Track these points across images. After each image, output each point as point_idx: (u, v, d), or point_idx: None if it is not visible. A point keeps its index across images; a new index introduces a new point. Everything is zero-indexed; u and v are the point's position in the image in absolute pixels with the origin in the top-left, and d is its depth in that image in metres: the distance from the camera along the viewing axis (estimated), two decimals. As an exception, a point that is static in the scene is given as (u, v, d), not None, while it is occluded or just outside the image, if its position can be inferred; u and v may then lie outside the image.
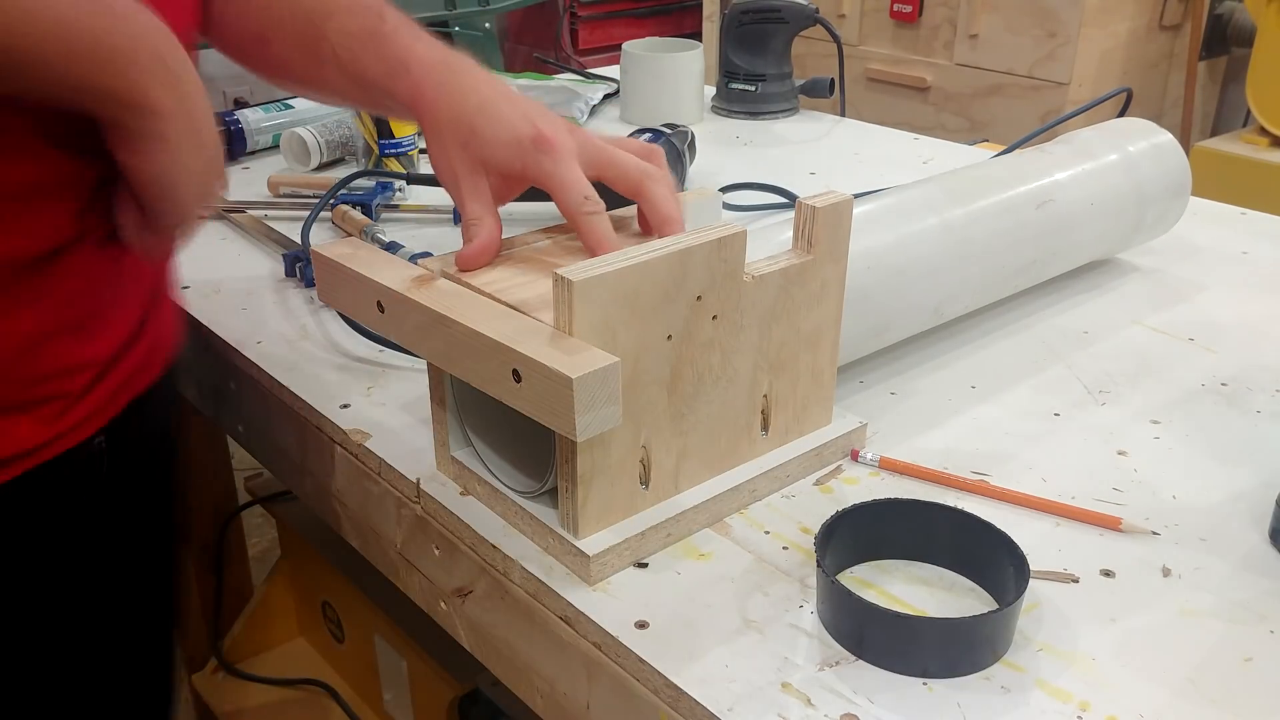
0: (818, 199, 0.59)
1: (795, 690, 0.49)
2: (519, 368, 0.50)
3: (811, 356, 0.63)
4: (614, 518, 0.56)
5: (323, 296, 0.64)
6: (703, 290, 0.55)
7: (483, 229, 0.60)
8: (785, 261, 0.59)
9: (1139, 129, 0.90)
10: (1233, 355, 0.78)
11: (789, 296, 0.60)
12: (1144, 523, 0.59)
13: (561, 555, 0.56)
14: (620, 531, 0.56)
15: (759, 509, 0.61)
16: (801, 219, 0.60)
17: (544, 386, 0.49)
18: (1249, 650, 0.51)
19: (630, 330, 0.53)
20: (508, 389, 0.51)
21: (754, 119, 1.37)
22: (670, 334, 0.54)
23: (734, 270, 0.56)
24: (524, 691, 0.60)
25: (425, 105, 0.64)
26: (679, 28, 3.36)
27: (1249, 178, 2.13)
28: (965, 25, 2.41)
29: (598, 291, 0.50)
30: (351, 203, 1.05)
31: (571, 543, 0.55)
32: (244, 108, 1.27)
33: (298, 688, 1.24)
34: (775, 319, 0.60)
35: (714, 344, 0.57)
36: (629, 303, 0.52)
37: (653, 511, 0.58)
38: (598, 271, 0.50)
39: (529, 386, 0.50)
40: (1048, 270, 0.84)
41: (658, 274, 0.53)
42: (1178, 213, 0.91)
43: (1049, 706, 0.48)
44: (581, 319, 0.50)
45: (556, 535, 0.56)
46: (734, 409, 0.60)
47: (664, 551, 0.58)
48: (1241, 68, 2.37)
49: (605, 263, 0.51)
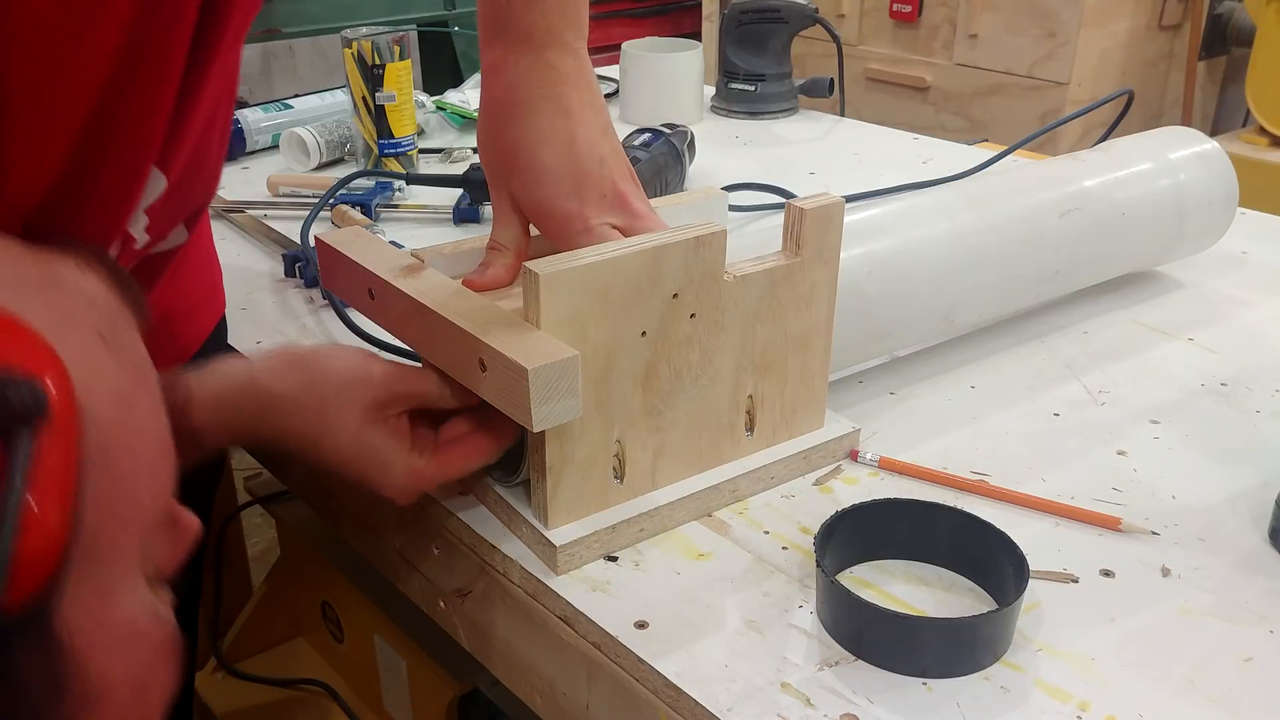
0: (807, 201, 0.59)
1: (795, 690, 0.49)
2: (484, 357, 0.50)
3: (801, 359, 0.62)
4: (586, 510, 0.57)
5: (325, 283, 0.65)
6: (680, 288, 0.55)
7: (498, 263, 0.59)
8: (771, 262, 0.59)
9: (1182, 137, 0.86)
10: (1233, 355, 0.78)
11: (774, 298, 0.59)
12: (1144, 523, 0.59)
13: (533, 545, 0.57)
14: (591, 524, 0.56)
15: (759, 509, 0.61)
16: (790, 220, 0.59)
17: (505, 376, 0.49)
18: (1249, 650, 0.51)
19: (601, 325, 0.53)
20: (475, 378, 0.52)
21: (753, 119, 1.37)
22: (645, 330, 0.55)
23: (714, 269, 0.56)
24: (523, 691, 0.60)
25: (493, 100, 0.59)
26: (678, 28, 3.35)
27: (1249, 178, 2.11)
28: (965, 25, 2.41)
29: (565, 285, 0.51)
30: (351, 202, 1.05)
31: (541, 532, 0.56)
32: (244, 108, 1.27)
33: (297, 688, 1.24)
34: (759, 320, 0.59)
35: (692, 342, 0.57)
36: (600, 298, 0.52)
37: (626, 506, 0.58)
38: (566, 265, 0.51)
39: (492, 376, 0.50)
40: (1076, 281, 0.81)
41: (630, 270, 0.53)
42: (1225, 224, 0.87)
43: (1049, 706, 0.48)
44: (548, 312, 0.51)
45: (529, 525, 0.57)
46: (715, 408, 0.60)
47: (664, 552, 0.58)
48: (1241, 68, 2.37)
49: (576, 257, 0.52)
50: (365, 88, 1.11)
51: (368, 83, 1.11)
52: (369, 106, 1.12)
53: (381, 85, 1.11)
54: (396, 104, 1.12)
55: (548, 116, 0.57)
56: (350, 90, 1.12)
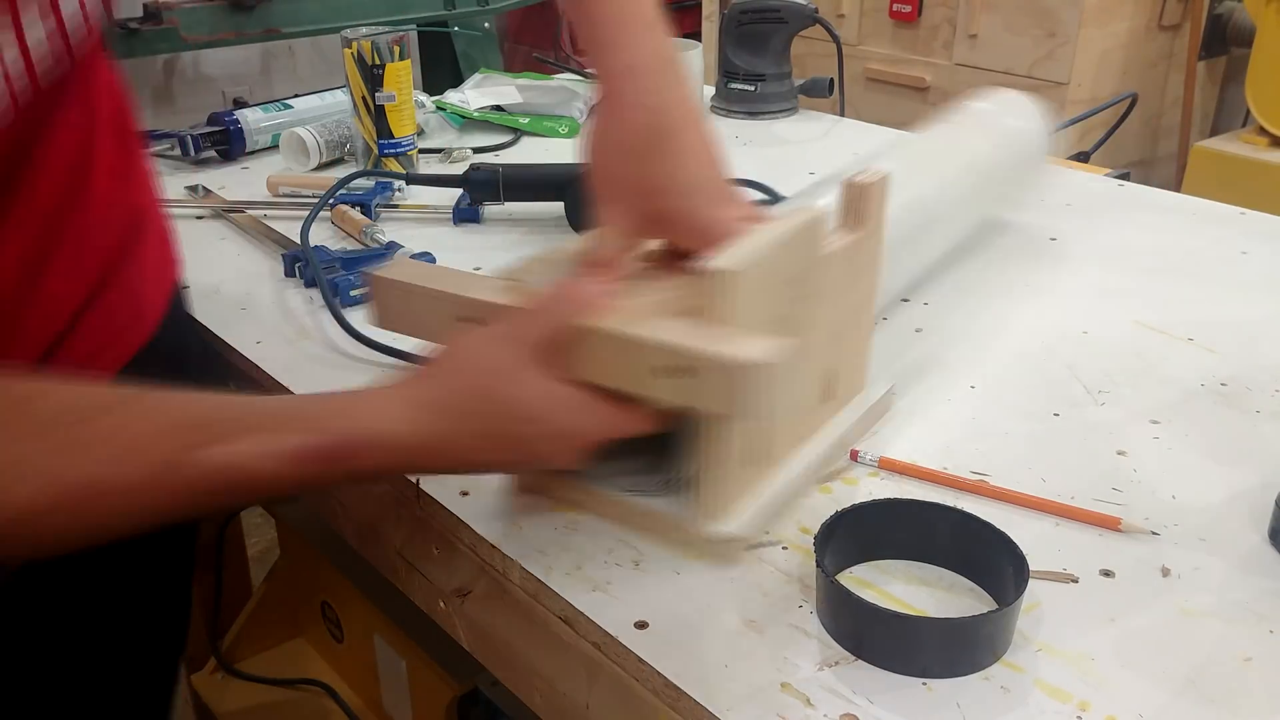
0: (863, 175, 0.62)
1: (795, 690, 0.49)
2: (682, 363, 0.50)
3: (856, 328, 0.66)
4: (740, 497, 0.58)
5: (383, 322, 0.61)
6: (801, 270, 0.58)
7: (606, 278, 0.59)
8: (847, 238, 0.62)
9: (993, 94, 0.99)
10: (1233, 355, 0.78)
11: (846, 272, 0.63)
12: (1144, 523, 0.59)
13: (698, 544, 0.57)
14: (753, 509, 0.58)
15: (759, 509, 0.61)
16: (851, 197, 0.62)
17: (715, 379, 0.50)
18: (1249, 650, 0.51)
19: (763, 312, 0.55)
20: (658, 386, 0.51)
21: (753, 119, 1.37)
22: (777, 315, 0.56)
23: (819, 249, 0.59)
24: (523, 691, 0.60)
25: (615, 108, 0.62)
26: (678, 28, 3.36)
27: (1248, 178, 2.13)
28: (964, 25, 2.41)
29: (748, 280, 0.52)
30: (350, 202, 1.05)
31: (714, 529, 0.56)
32: (243, 108, 1.27)
33: (297, 688, 1.24)
34: (839, 293, 0.63)
35: (803, 321, 0.59)
36: (762, 287, 0.54)
37: (766, 485, 0.60)
38: (748, 260, 0.52)
39: (697, 380, 0.50)
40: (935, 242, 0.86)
41: (779, 259, 0.55)
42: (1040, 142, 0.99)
43: (1048, 706, 0.48)
44: (742, 306, 0.52)
45: (692, 526, 0.57)
46: (809, 381, 0.62)
47: (663, 551, 0.58)
48: (1241, 68, 2.36)
49: (751, 252, 0.53)
50: (365, 88, 1.11)
51: (368, 83, 1.11)
52: (369, 106, 1.12)
53: (381, 85, 1.11)
54: (396, 104, 1.12)
55: (694, 138, 0.61)
56: (350, 90, 1.12)
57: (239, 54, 2.44)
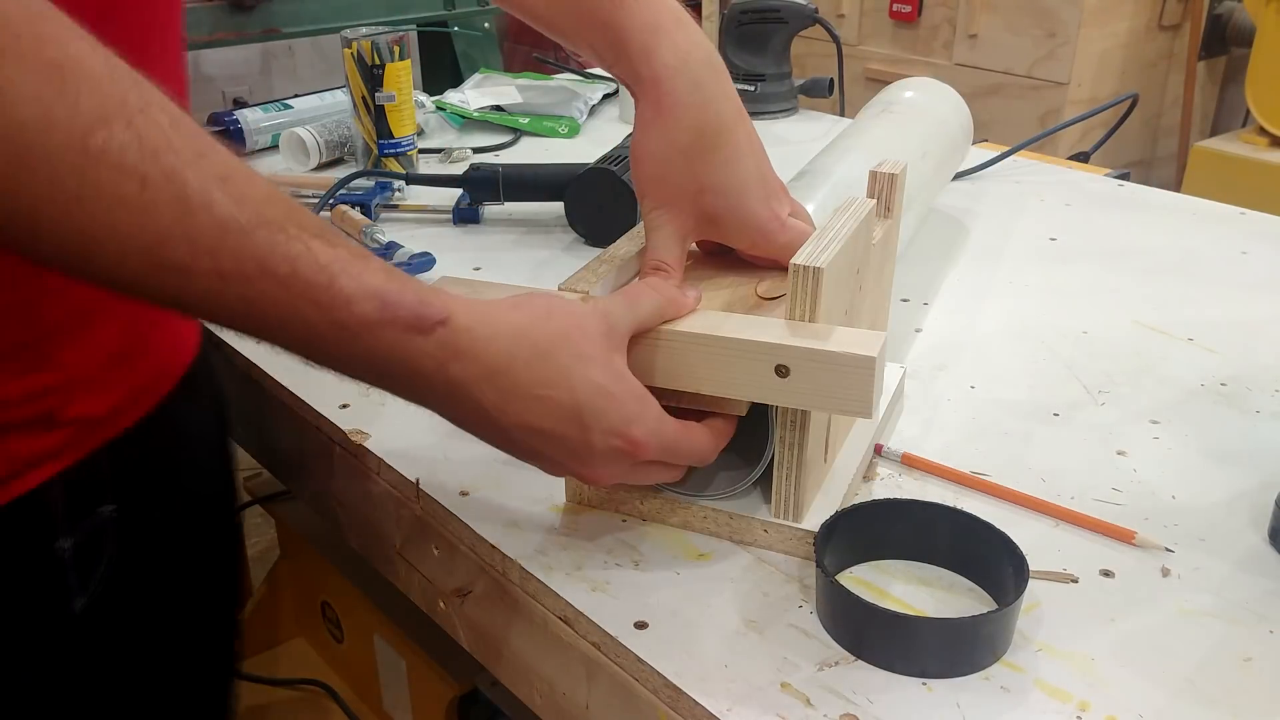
0: (887, 165, 0.64)
1: (795, 690, 0.48)
2: (788, 362, 0.51)
3: (883, 314, 0.69)
4: (813, 495, 0.58)
5: None
6: (861, 261, 0.59)
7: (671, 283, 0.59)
8: (882, 227, 0.64)
9: None
10: (1233, 355, 0.78)
11: (880, 260, 0.65)
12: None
13: (780, 543, 0.57)
14: (826, 506, 0.58)
15: (759, 509, 0.61)
16: (879, 186, 0.64)
17: (824, 375, 0.51)
18: (1249, 650, 0.51)
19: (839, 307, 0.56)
20: (768, 387, 0.52)
21: (753, 119, 1.36)
22: (848, 307, 0.58)
23: (870, 239, 0.61)
24: (523, 691, 0.60)
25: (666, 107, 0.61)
26: (678, 28, 3.35)
27: (1248, 178, 2.13)
28: (964, 25, 2.41)
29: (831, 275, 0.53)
30: (350, 203, 1.05)
31: (796, 527, 0.57)
32: (243, 108, 1.27)
33: (297, 688, 1.24)
34: (876, 279, 0.64)
35: (861, 311, 0.61)
36: (837, 281, 0.55)
37: (833, 481, 0.60)
38: (829, 256, 0.52)
39: (802, 379, 0.51)
40: None
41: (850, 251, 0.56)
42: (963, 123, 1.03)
43: (1048, 706, 0.48)
44: (826, 302, 0.52)
45: (774, 525, 0.57)
46: None
47: (663, 551, 0.58)
48: (1241, 68, 2.37)
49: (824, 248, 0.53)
50: (365, 88, 1.11)
51: (367, 83, 1.11)
52: (369, 106, 1.12)
53: (381, 85, 1.11)
54: (396, 104, 1.12)
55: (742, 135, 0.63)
56: (350, 90, 1.12)
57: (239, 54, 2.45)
